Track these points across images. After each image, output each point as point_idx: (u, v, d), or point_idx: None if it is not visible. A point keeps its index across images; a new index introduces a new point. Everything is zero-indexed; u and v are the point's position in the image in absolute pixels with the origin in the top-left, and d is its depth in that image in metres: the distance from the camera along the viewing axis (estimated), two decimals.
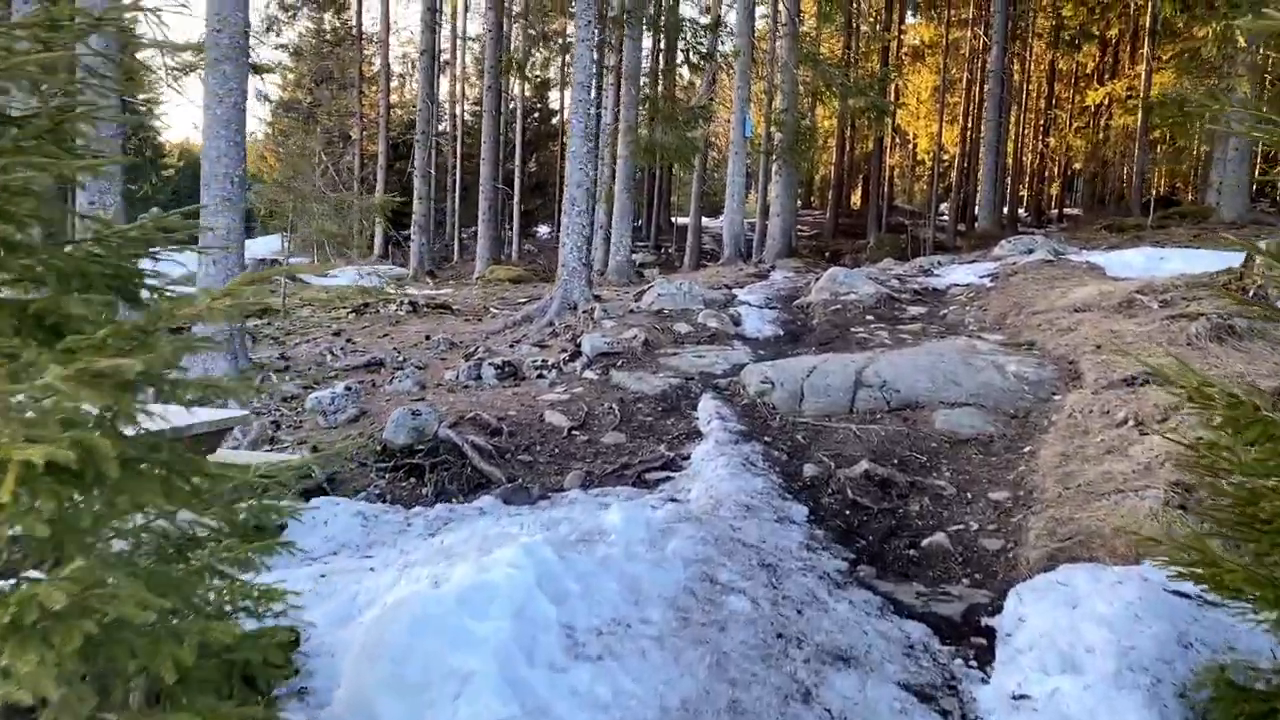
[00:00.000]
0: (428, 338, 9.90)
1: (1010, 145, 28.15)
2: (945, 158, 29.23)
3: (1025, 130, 31.56)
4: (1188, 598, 2.81)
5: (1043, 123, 32.78)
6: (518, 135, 25.76)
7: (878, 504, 4.59)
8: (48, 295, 1.77)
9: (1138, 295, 7.77)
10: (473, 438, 5.58)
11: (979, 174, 24.86)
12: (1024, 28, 27.41)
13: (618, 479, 5.16)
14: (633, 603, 2.86)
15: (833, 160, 31.12)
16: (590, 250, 11.08)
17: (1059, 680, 2.59)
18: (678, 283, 10.58)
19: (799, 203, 26.22)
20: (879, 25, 29.01)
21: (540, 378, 7.35)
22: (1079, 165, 32.62)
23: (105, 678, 1.59)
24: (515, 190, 24.82)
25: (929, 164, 31.92)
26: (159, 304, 1.80)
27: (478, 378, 7.45)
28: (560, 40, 27.83)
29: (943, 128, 27.84)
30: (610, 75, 17.25)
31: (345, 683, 2.40)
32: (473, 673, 2.29)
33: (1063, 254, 12.05)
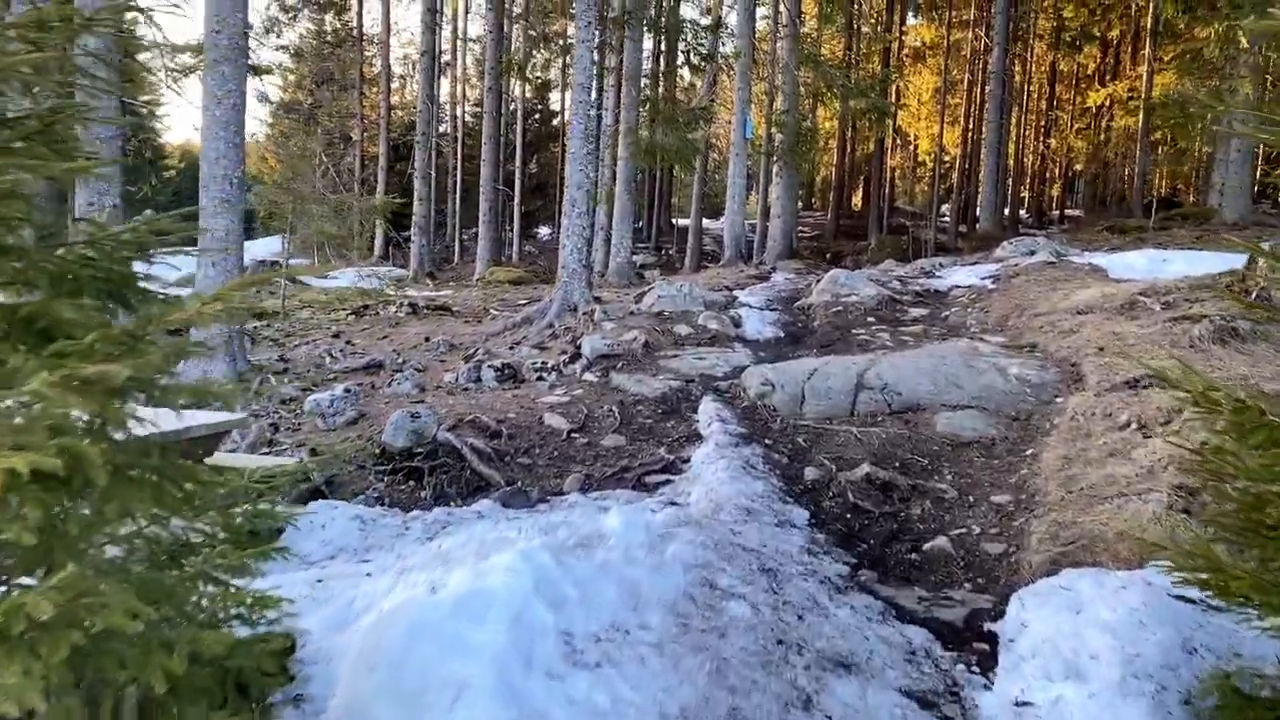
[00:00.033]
0: (427, 339, 9.87)
1: (1011, 146, 28.12)
2: (946, 159, 29.18)
3: (1026, 131, 31.51)
4: (1192, 603, 2.78)
5: (1044, 124, 32.74)
6: (518, 136, 25.73)
7: (879, 507, 4.56)
8: (39, 299, 1.75)
9: (1140, 297, 7.74)
10: (472, 440, 5.55)
11: (980, 175, 24.83)
12: (1025, 29, 27.38)
13: (617, 482, 5.13)
14: (631, 608, 2.83)
15: (834, 161, 31.10)
16: (590, 252, 11.06)
17: (1062, 687, 2.56)
18: (678, 284, 10.55)
19: (800, 204, 26.20)
20: (880, 26, 28.97)
21: (540, 380, 7.32)
22: (1080, 166, 32.60)
23: (94, 688, 1.57)
24: (516, 191, 24.79)
25: (930, 165, 31.87)
26: (150, 308, 1.78)
27: (477, 380, 7.43)
28: (561, 41, 27.81)
29: (944, 129, 27.78)
30: (611, 76, 17.23)
31: (341, 690, 2.38)
32: (469, 680, 2.27)
33: (1064, 256, 12.02)
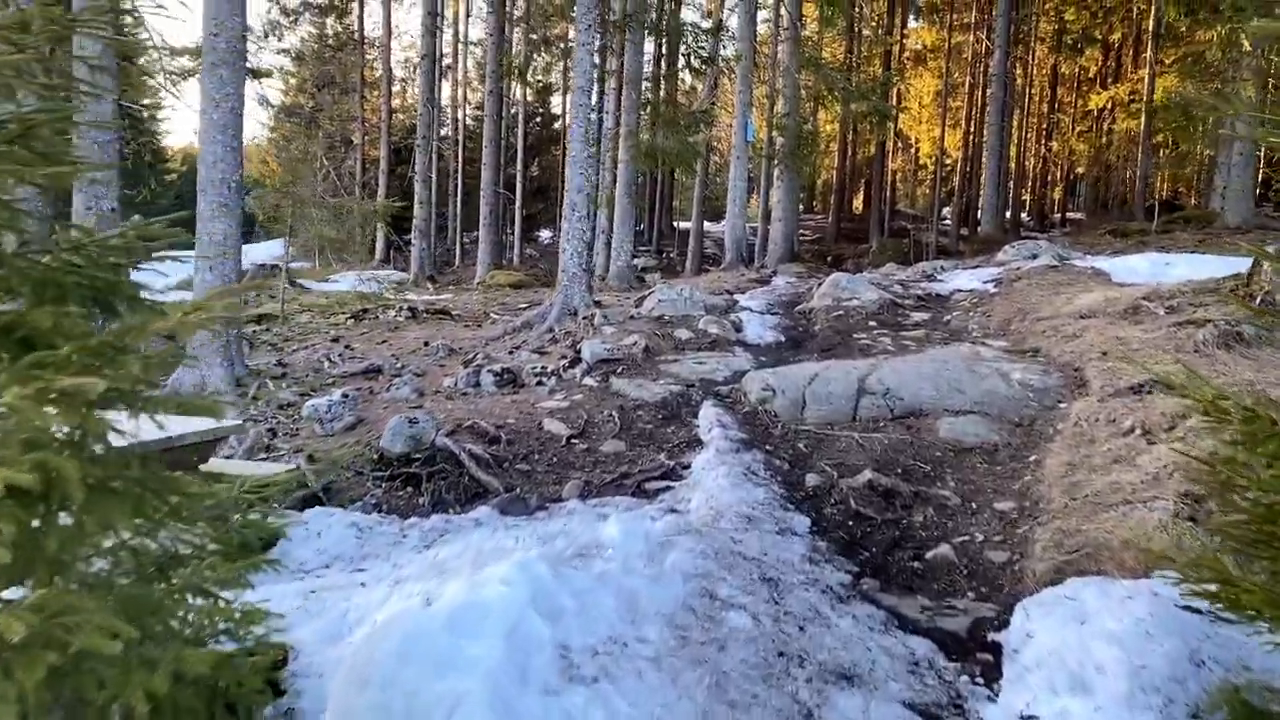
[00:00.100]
0: (426, 344, 9.82)
1: (1013, 149, 28.08)
2: (948, 162, 29.16)
3: (1028, 134, 31.50)
4: (1199, 613, 2.72)
5: (1045, 127, 32.71)
6: (519, 140, 25.72)
7: (881, 515, 4.50)
8: (19, 308, 1.71)
9: (1144, 301, 7.68)
10: (470, 446, 5.51)
11: (982, 178, 24.79)
12: (1026, 32, 27.36)
13: (617, 488, 5.08)
14: (630, 620, 2.78)
15: (835, 165, 31.10)
16: (591, 255, 11.03)
17: (1068, 700, 2.52)
18: (679, 288, 10.50)
19: (801, 207, 26.15)
20: (881, 29, 28.96)
21: (539, 385, 7.27)
22: (1082, 169, 32.59)
23: (74, 708, 1.52)
24: (517, 195, 24.78)
25: (931, 168, 31.86)
26: (136, 316, 1.73)
27: (476, 385, 7.38)
28: (562, 45, 27.82)
29: (945, 132, 27.77)
30: (612, 80, 17.19)
31: (332, 704, 2.33)
32: (464, 695, 2.22)
33: (1067, 259, 11.97)
